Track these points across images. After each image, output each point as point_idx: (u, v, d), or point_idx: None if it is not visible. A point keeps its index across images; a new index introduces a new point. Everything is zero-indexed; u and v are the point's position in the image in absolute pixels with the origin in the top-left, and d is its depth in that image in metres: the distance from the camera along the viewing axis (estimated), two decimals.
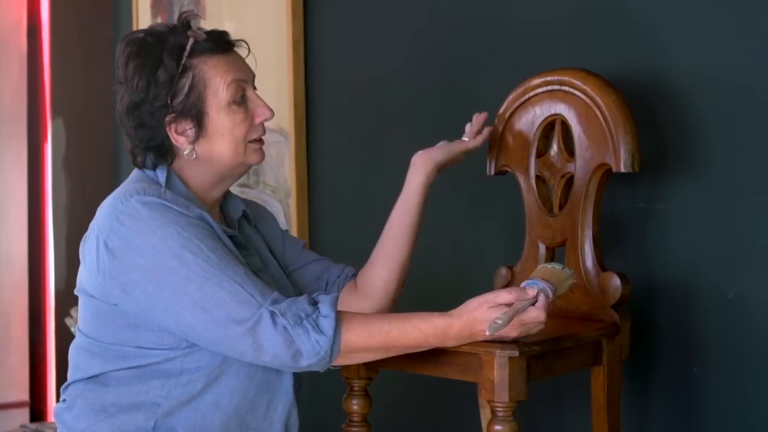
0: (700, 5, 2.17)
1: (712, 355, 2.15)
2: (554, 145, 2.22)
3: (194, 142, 1.96)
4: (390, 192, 2.23)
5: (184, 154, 1.97)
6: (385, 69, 2.86)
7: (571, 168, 2.18)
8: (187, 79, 1.94)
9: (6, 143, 4.08)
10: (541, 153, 2.24)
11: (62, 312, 3.90)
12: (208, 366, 1.93)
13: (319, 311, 1.84)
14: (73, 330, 3.55)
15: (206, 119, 1.95)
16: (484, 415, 2.22)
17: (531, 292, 1.84)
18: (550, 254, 2.21)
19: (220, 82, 1.95)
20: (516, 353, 1.86)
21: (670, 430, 2.22)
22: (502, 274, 2.28)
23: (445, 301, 1.95)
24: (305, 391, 2.07)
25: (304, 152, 3.05)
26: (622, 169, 2.08)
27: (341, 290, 2.18)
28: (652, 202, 2.24)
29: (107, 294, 1.91)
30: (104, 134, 4.01)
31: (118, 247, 1.88)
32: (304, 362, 1.84)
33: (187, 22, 1.97)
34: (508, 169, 2.28)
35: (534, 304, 1.84)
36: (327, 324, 1.83)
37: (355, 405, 2.14)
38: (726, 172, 2.13)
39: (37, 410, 4.17)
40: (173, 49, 1.94)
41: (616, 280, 2.09)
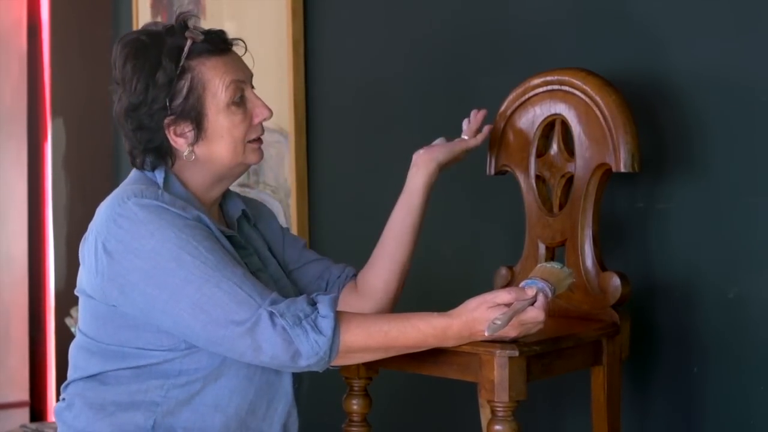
0: (699, 5, 2.17)
1: (712, 355, 2.15)
2: (554, 145, 2.22)
3: (193, 143, 1.96)
4: (390, 192, 2.23)
5: (183, 155, 1.96)
6: (386, 69, 2.86)
7: (571, 168, 2.18)
8: (186, 81, 1.93)
9: (6, 143, 4.08)
10: (541, 153, 2.24)
11: (62, 312, 3.90)
12: (207, 367, 1.92)
13: (318, 311, 1.84)
14: (73, 330, 3.54)
15: (205, 121, 1.95)
16: (484, 415, 2.22)
17: (530, 292, 1.84)
18: (550, 254, 2.21)
19: (219, 84, 1.94)
20: (516, 353, 1.86)
21: (670, 430, 2.22)
22: (502, 274, 2.28)
23: (445, 301, 1.95)
24: (305, 391, 2.07)
25: (304, 152, 3.05)
26: (622, 169, 2.08)
27: (342, 290, 2.18)
28: (652, 202, 2.24)
29: (106, 295, 1.91)
30: (104, 134, 4.01)
31: (116, 249, 1.88)
32: (303, 362, 1.83)
33: (185, 22, 1.96)
34: (508, 169, 2.28)
35: (533, 304, 1.84)
36: (326, 324, 1.83)
37: (355, 405, 2.13)
38: (726, 172, 2.13)
39: (37, 410, 4.16)
40: (171, 51, 1.93)
41: (616, 280, 2.09)
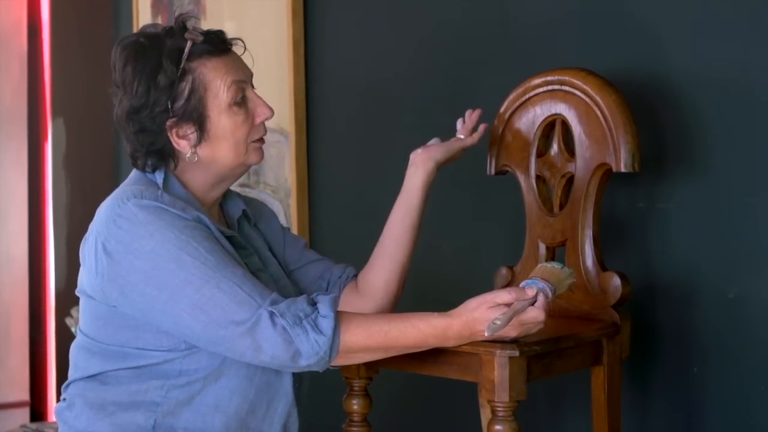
0: (700, 5, 2.17)
1: (712, 355, 2.15)
2: (554, 145, 2.22)
3: (196, 145, 1.95)
4: (390, 192, 2.23)
5: (186, 157, 1.96)
6: (386, 69, 2.86)
7: (571, 168, 2.18)
8: (187, 82, 1.93)
9: (6, 143, 4.08)
10: (542, 153, 2.24)
11: (62, 312, 3.90)
12: (207, 368, 1.92)
13: (318, 311, 1.84)
14: (74, 330, 3.55)
15: (208, 122, 1.95)
16: (485, 415, 2.22)
17: (530, 292, 1.84)
18: (551, 254, 2.21)
19: (221, 85, 1.94)
20: (516, 353, 1.86)
21: (671, 430, 2.22)
22: (503, 274, 2.28)
23: (445, 301, 1.95)
24: (305, 391, 2.07)
25: (305, 152, 3.05)
26: (623, 169, 2.08)
27: (342, 290, 2.18)
28: (652, 202, 2.24)
29: (106, 296, 1.91)
30: (105, 134, 4.01)
31: (116, 250, 1.88)
32: (303, 362, 1.83)
33: (184, 23, 1.95)
34: (509, 169, 2.28)
35: (533, 304, 1.84)
36: (326, 324, 1.83)
37: (356, 405, 2.13)
38: (726, 172, 2.13)
39: (38, 410, 4.16)
40: (171, 53, 1.92)
41: (617, 280, 2.09)
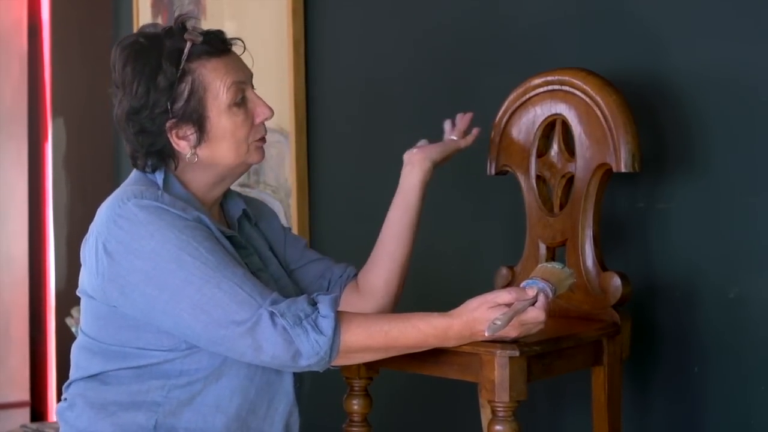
0: (700, 5, 2.17)
1: (712, 355, 2.15)
2: (555, 145, 2.22)
3: (196, 146, 1.95)
4: (390, 192, 2.22)
5: (186, 158, 1.96)
6: (386, 69, 2.86)
7: (571, 168, 2.18)
8: (187, 83, 1.93)
9: (6, 143, 4.08)
10: (542, 153, 2.24)
11: (63, 312, 3.90)
12: (207, 367, 1.92)
13: (319, 311, 1.84)
14: (74, 330, 3.55)
15: (207, 123, 1.95)
16: (485, 415, 2.22)
17: (531, 292, 1.84)
18: (551, 254, 2.21)
19: (220, 86, 1.94)
20: (516, 353, 1.86)
21: (671, 430, 2.22)
22: (503, 274, 2.28)
23: (445, 301, 1.95)
24: (306, 391, 2.07)
25: (305, 152, 3.05)
26: (623, 169, 2.08)
27: (343, 290, 2.18)
28: (652, 202, 2.24)
29: (107, 296, 1.92)
30: (105, 134, 4.01)
31: (117, 250, 1.88)
32: (303, 362, 1.84)
33: (183, 24, 1.95)
34: (509, 169, 2.28)
35: (534, 304, 1.84)
36: (326, 324, 1.83)
37: (356, 405, 2.13)
38: (726, 172, 2.13)
39: (38, 410, 4.16)
40: (171, 54, 1.92)
41: (617, 280, 2.09)
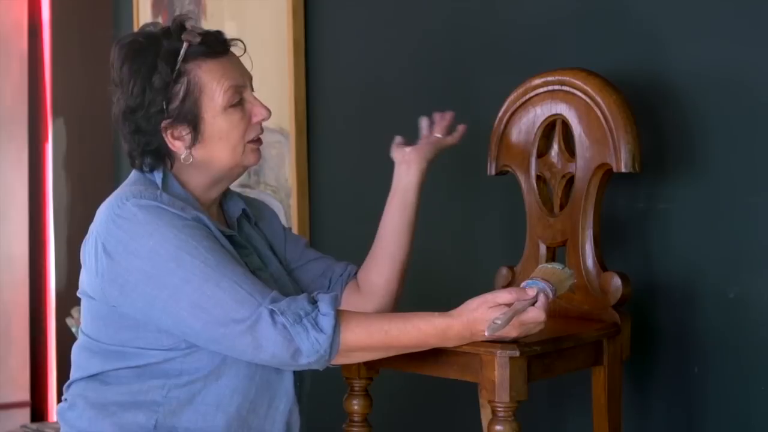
0: (700, 5, 2.17)
1: (712, 355, 2.15)
2: (555, 145, 2.22)
3: (191, 146, 1.96)
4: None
5: (182, 158, 1.97)
6: (386, 69, 2.86)
7: (571, 168, 2.18)
8: (182, 84, 1.93)
9: (7, 143, 4.08)
10: (542, 153, 2.24)
11: (63, 312, 3.90)
12: (207, 367, 1.93)
13: (319, 309, 1.85)
14: (74, 330, 3.55)
15: (202, 124, 1.95)
16: (485, 415, 2.22)
17: (531, 292, 1.84)
18: (551, 254, 2.21)
19: (216, 88, 1.94)
20: (516, 353, 1.86)
21: (671, 430, 2.22)
22: (503, 274, 2.28)
23: (445, 301, 1.95)
24: (307, 390, 2.07)
25: (305, 152, 3.05)
26: (623, 169, 2.08)
27: (344, 289, 2.18)
28: (652, 202, 2.24)
29: (106, 296, 1.92)
30: (105, 134, 4.01)
31: (116, 250, 1.88)
32: (303, 361, 1.84)
33: (181, 24, 1.95)
34: (509, 169, 2.28)
35: (534, 304, 1.84)
36: (326, 322, 1.83)
37: (356, 405, 2.13)
38: (726, 172, 2.13)
39: (38, 410, 4.16)
40: (167, 54, 1.93)
41: (617, 280, 2.09)
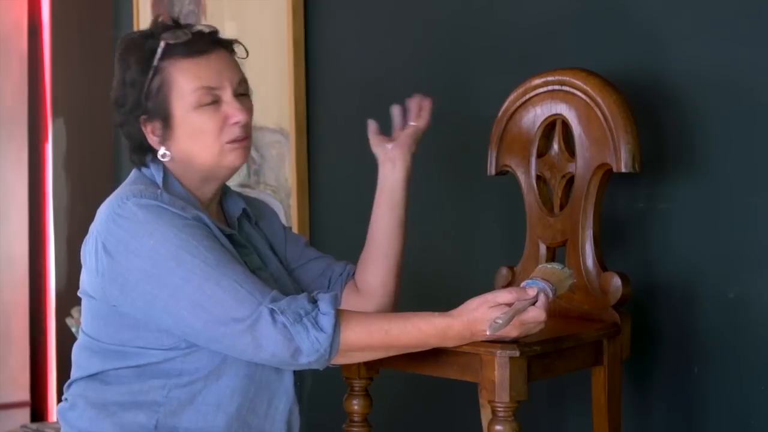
0: (700, 5, 2.17)
1: (712, 355, 2.15)
2: (555, 145, 2.22)
3: (163, 142, 1.98)
4: None
5: (159, 154, 1.99)
6: (386, 68, 2.86)
7: (571, 168, 2.18)
8: (157, 81, 1.96)
9: (7, 143, 4.08)
10: (542, 153, 2.24)
11: (63, 312, 3.89)
12: (207, 367, 1.93)
13: (319, 309, 1.85)
14: (74, 330, 3.54)
15: (173, 120, 1.97)
16: (485, 415, 2.22)
17: (531, 292, 1.84)
18: (551, 254, 2.21)
19: (186, 87, 1.96)
20: (516, 353, 1.86)
21: (671, 430, 2.22)
22: (503, 274, 2.28)
23: (445, 301, 1.95)
24: (307, 390, 2.07)
25: (305, 152, 3.05)
26: (623, 169, 2.08)
27: (344, 288, 2.19)
28: (652, 202, 2.24)
29: (106, 295, 1.92)
30: (105, 134, 4.00)
31: (116, 249, 1.89)
32: (303, 360, 1.84)
33: (164, 24, 1.99)
34: (509, 169, 2.28)
35: (534, 304, 1.84)
36: (326, 321, 1.83)
37: (356, 405, 2.13)
38: (726, 172, 2.13)
39: (38, 410, 4.16)
40: (147, 52, 1.97)
41: (617, 280, 2.09)
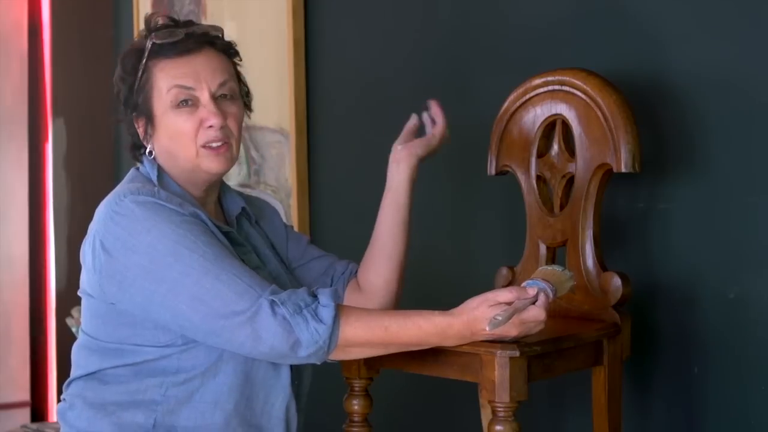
0: (699, 5, 2.17)
1: (712, 355, 2.15)
2: (555, 145, 2.22)
3: (148, 139, 2.02)
4: None
5: (147, 151, 2.03)
6: (386, 68, 2.86)
7: (571, 168, 2.18)
8: (143, 80, 2.00)
9: (7, 143, 4.08)
10: (542, 153, 2.24)
11: (63, 312, 3.90)
12: (204, 364, 1.93)
13: (319, 301, 1.86)
14: (74, 330, 3.55)
15: (154, 119, 2.01)
16: (485, 415, 2.22)
17: (531, 292, 1.85)
18: (551, 254, 2.21)
19: (163, 86, 1.99)
20: (517, 353, 1.86)
21: (671, 430, 2.22)
22: (503, 274, 2.28)
23: (445, 301, 1.95)
24: (306, 390, 2.07)
25: (305, 152, 3.05)
26: (623, 169, 2.08)
27: (346, 286, 2.19)
28: (652, 202, 2.24)
29: (105, 293, 1.93)
30: (105, 134, 4.01)
31: (114, 246, 1.90)
32: (302, 352, 1.84)
33: (155, 25, 2.02)
34: (509, 169, 2.28)
35: (534, 303, 1.84)
36: (326, 313, 1.84)
37: (356, 405, 2.13)
38: (726, 172, 2.13)
39: (38, 410, 4.16)
40: (138, 51, 2.01)
41: (617, 281, 2.09)
